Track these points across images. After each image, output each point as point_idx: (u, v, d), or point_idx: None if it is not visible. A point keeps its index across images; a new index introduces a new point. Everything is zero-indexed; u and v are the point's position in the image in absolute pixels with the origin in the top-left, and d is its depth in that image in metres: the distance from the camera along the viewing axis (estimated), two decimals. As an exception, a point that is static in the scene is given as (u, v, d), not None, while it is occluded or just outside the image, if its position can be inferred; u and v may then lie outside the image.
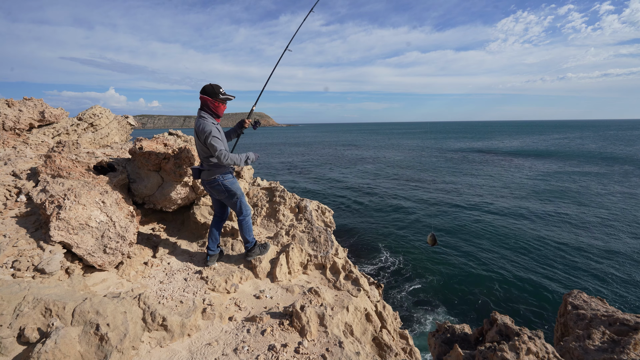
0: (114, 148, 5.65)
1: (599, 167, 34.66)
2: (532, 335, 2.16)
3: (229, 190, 3.10)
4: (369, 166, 39.47)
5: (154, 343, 2.26)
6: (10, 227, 2.97)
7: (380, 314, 3.49)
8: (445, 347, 2.72)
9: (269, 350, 2.28)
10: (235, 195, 3.15)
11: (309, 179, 31.58)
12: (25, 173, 3.92)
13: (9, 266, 2.52)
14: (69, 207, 2.86)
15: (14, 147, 5.00)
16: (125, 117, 7.67)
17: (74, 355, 1.85)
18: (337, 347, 2.36)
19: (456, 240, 14.88)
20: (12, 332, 1.93)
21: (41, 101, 6.33)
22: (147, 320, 2.31)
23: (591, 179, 28.51)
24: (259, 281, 3.27)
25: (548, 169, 33.99)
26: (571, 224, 16.61)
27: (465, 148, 60.95)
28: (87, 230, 2.86)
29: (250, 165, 2.57)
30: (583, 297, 2.96)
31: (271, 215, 4.50)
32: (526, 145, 63.54)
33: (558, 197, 22.06)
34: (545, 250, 13.56)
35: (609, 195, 22.23)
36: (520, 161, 40.80)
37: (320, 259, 3.64)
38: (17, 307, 2.03)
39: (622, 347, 2.16)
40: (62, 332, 1.86)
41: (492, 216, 18.08)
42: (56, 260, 2.64)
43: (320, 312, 2.63)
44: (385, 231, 16.35)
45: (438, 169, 36.03)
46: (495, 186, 26.22)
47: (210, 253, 3.34)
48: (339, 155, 53.41)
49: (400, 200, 22.29)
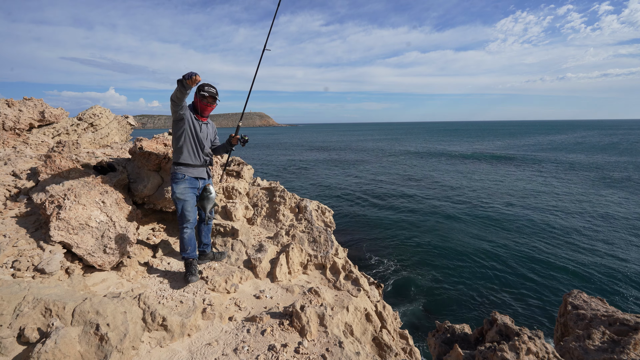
0: (114, 148, 5.65)
1: (600, 167, 34.67)
2: (532, 335, 2.16)
3: (172, 190, 2.93)
4: (369, 166, 39.46)
5: (154, 343, 2.26)
6: (10, 227, 2.97)
7: (380, 314, 3.49)
8: (445, 347, 2.72)
9: (269, 350, 2.28)
10: (176, 199, 2.91)
11: (309, 179, 31.58)
12: (25, 173, 3.92)
13: (9, 266, 2.52)
14: (69, 207, 2.86)
15: (14, 147, 5.00)
16: (125, 117, 7.67)
17: (74, 355, 1.85)
18: (337, 347, 2.36)
19: (456, 240, 14.88)
20: (12, 332, 1.93)
21: (41, 101, 6.33)
22: (147, 320, 2.31)
23: (591, 179, 28.51)
24: (259, 281, 3.27)
25: (548, 169, 34.00)
26: (571, 224, 16.61)
27: (466, 148, 60.96)
28: (87, 230, 2.86)
29: (187, 85, 2.53)
30: (583, 297, 2.96)
31: (271, 215, 4.49)
32: (526, 146, 63.55)
33: (558, 197, 22.06)
34: (546, 250, 13.55)
35: (609, 196, 22.23)
36: (520, 161, 40.80)
37: (320, 259, 3.64)
38: (17, 307, 2.03)
39: (622, 347, 2.16)
40: (62, 332, 1.86)
41: (492, 216, 18.08)
42: (56, 260, 2.64)
43: (320, 312, 2.63)
44: (386, 231, 16.35)
45: (439, 169, 36.02)
46: (495, 186, 26.22)
47: None
48: (339, 155, 53.42)
49: (400, 200, 22.29)
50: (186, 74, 2.50)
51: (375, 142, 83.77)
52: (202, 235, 3.32)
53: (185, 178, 2.95)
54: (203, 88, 2.89)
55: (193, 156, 2.99)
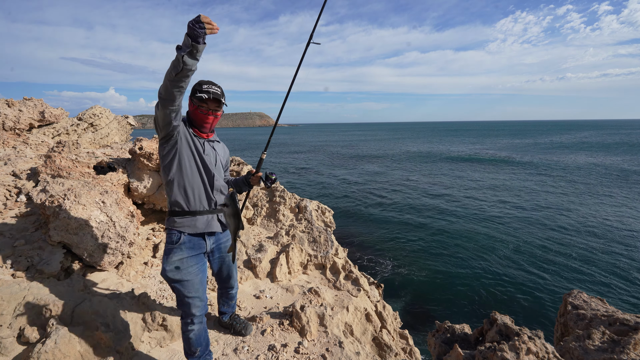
0: (114, 148, 5.64)
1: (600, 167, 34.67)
2: (532, 335, 2.16)
3: (162, 263, 1.79)
4: (370, 166, 39.46)
5: (154, 343, 2.26)
6: (10, 227, 2.97)
7: (380, 314, 3.49)
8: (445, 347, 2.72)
9: (269, 350, 2.28)
10: (168, 279, 1.77)
11: (309, 179, 31.57)
12: (25, 173, 3.92)
13: (9, 266, 2.52)
14: (69, 207, 2.86)
15: (14, 147, 5.00)
16: (125, 117, 7.68)
17: (74, 355, 1.85)
18: (337, 347, 2.36)
19: (456, 240, 14.88)
20: (12, 332, 1.93)
21: (41, 101, 6.34)
22: (147, 320, 2.32)
23: (591, 179, 28.51)
24: (259, 281, 3.27)
25: (547, 170, 34.00)
26: (572, 224, 16.61)
27: (467, 148, 60.95)
28: (87, 230, 2.86)
29: (198, 33, 1.37)
30: (583, 297, 2.96)
31: (271, 215, 4.49)
32: (526, 146, 63.54)
33: (558, 197, 22.06)
34: (546, 250, 13.56)
35: (610, 196, 22.23)
36: (520, 162, 40.79)
37: (320, 259, 3.64)
38: (17, 307, 2.03)
39: (622, 347, 2.16)
40: (62, 332, 1.86)
41: (493, 216, 18.08)
42: (56, 260, 2.64)
43: (320, 312, 2.63)
44: (386, 231, 16.35)
45: (439, 169, 36.01)
46: (495, 187, 26.22)
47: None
48: (339, 155, 53.40)
49: (400, 200, 22.29)
50: (193, 18, 1.37)
51: (375, 142, 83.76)
52: (224, 299, 2.36)
53: (181, 241, 1.77)
54: (201, 87, 1.74)
55: (194, 196, 1.81)
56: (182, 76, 1.45)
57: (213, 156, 1.90)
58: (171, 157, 1.74)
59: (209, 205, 1.87)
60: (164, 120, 1.61)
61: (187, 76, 1.47)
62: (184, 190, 1.78)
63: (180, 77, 1.45)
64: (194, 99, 1.77)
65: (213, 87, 1.76)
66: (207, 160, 1.84)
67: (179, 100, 1.56)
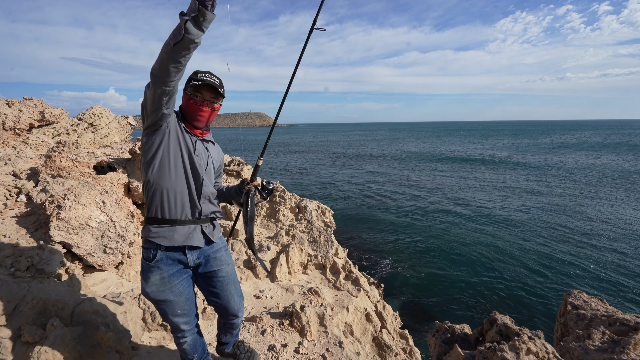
0: (114, 148, 5.65)
1: (600, 167, 34.66)
2: (532, 335, 2.16)
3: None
4: (369, 166, 39.47)
5: (154, 343, 2.26)
6: (10, 227, 2.97)
7: (380, 314, 3.49)
8: (445, 347, 2.72)
9: (269, 350, 2.28)
10: (149, 300, 1.55)
11: (309, 179, 31.58)
12: (25, 173, 3.92)
13: (9, 266, 2.52)
14: (69, 207, 2.86)
15: (14, 147, 5.00)
16: (125, 117, 7.68)
17: (73, 355, 1.85)
18: (337, 347, 2.36)
19: (457, 240, 14.88)
20: (12, 332, 1.93)
21: (41, 101, 6.34)
22: (147, 320, 2.32)
23: (591, 179, 28.51)
24: (259, 281, 3.27)
25: (547, 170, 34.00)
26: (572, 223, 16.61)
27: (467, 148, 60.96)
28: (87, 230, 2.86)
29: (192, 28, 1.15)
30: (583, 297, 2.96)
31: (271, 215, 4.50)
32: (525, 146, 63.56)
33: (558, 197, 22.06)
34: (546, 249, 13.56)
35: (610, 196, 22.23)
36: (519, 162, 40.80)
37: (320, 259, 3.64)
38: (17, 307, 2.03)
39: (622, 347, 2.16)
40: (62, 332, 1.87)
41: (493, 216, 18.08)
42: (56, 260, 2.64)
43: (320, 312, 2.63)
44: (386, 231, 16.35)
45: (439, 169, 36.02)
46: (495, 187, 26.22)
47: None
48: (340, 155, 53.41)
49: (401, 200, 22.29)
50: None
51: (375, 142, 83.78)
52: (223, 330, 1.95)
53: (158, 258, 1.49)
54: (196, 76, 1.49)
55: (175, 202, 1.51)
56: (182, 48, 1.20)
57: (205, 158, 1.60)
58: (154, 151, 1.46)
59: (193, 215, 1.55)
60: (153, 104, 1.34)
61: (187, 49, 1.21)
62: (166, 193, 1.48)
63: (180, 48, 1.19)
64: (188, 87, 1.51)
65: (210, 76, 1.51)
66: (197, 161, 1.54)
67: (174, 79, 1.29)
